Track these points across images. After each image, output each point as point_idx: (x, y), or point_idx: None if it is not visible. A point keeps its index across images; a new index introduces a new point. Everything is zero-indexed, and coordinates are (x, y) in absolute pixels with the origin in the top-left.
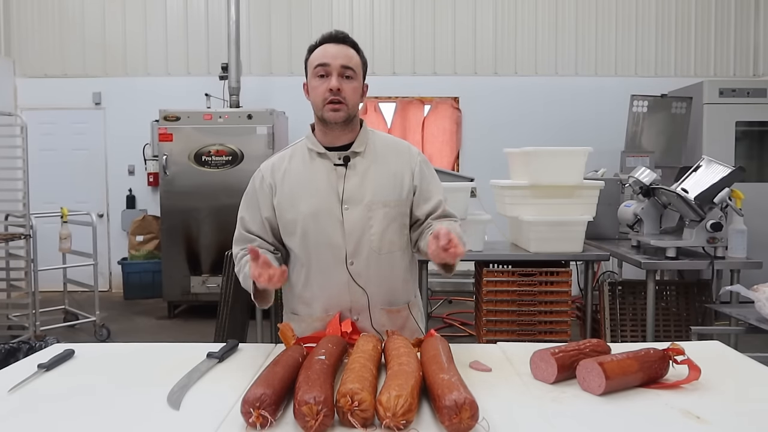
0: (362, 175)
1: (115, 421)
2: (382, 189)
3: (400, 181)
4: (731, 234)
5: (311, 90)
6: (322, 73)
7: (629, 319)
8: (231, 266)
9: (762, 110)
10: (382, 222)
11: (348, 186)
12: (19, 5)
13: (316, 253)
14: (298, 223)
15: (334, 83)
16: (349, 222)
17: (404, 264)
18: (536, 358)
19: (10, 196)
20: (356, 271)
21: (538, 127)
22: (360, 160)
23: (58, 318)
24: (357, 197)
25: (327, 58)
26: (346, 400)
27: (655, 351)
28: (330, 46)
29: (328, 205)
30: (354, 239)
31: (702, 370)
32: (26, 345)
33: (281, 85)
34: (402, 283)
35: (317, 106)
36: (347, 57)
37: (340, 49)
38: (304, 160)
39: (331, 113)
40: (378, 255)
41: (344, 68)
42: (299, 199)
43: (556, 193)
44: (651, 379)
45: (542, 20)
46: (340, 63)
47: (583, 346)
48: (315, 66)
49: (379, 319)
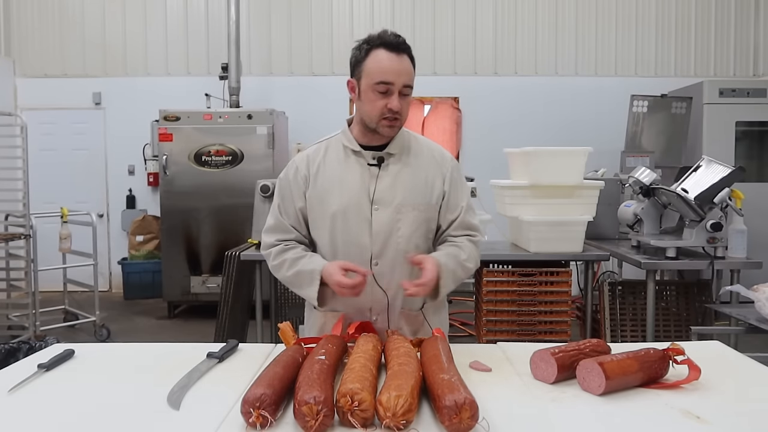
0: (394, 177)
1: (115, 421)
2: (413, 192)
3: (431, 185)
4: (731, 234)
5: (367, 102)
6: (383, 90)
7: (629, 319)
8: (231, 266)
9: (762, 110)
10: (411, 225)
11: (379, 186)
12: (19, 5)
13: (342, 251)
14: (326, 219)
15: (396, 105)
16: (378, 223)
17: None
18: (536, 358)
19: (10, 196)
20: (380, 272)
21: (538, 127)
22: (394, 162)
23: (58, 318)
24: (387, 198)
25: (391, 76)
26: (346, 400)
27: (655, 351)
28: (393, 59)
29: (358, 204)
30: (381, 240)
31: (702, 370)
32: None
33: (281, 85)
34: None
35: (371, 118)
36: (409, 74)
37: (403, 63)
38: (338, 156)
39: (387, 129)
40: (403, 258)
41: (405, 87)
42: (330, 195)
43: (556, 193)
44: (651, 379)
45: (542, 20)
46: (403, 82)
47: (583, 346)
48: (377, 81)
49: (398, 321)
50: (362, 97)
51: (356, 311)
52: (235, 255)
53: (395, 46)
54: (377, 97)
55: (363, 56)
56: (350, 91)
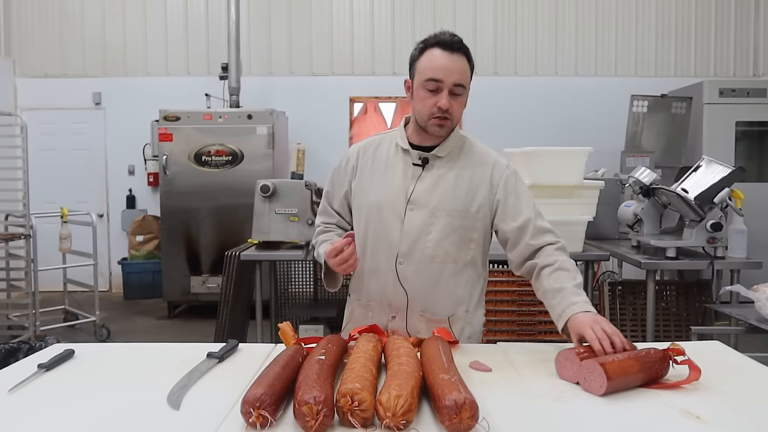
0: (435, 180)
1: (115, 421)
2: (450, 197)
3: (474, 193)
4: (731, 234)
5: (418, 100)
6: (433, 87)
7: (629, 319)
8: (231, 266)
9: (762, 110)
10: (442, 231)
11: (418, 187)
12: (19, 5)
13: (371, 244)
14: (364, 210)
15: (444, 102)
16: (409, 223)
17: (456, 277)
18: (562, 359)
19: (10, 196)
20: (403, 271)
21: (538, 127)
22: (439, 164)
23: (58, 318)
24: (423, 200)
25: (441, 74)
26: (346, 400)
27: (655, 351)
28: (445, 57)
29: (394, 201)
30: (409, 241)
31: (702, 370)
32: (26, 345)
33: (281, 85)
34: (448, 295)
35: (421, 116)
36: (461, 73)
37: (456, 62)
38: (389, 152)
39: (436, 128)
40: (430, 262)
41: (456, 86)
42: (372, 187)
43: (556, 193)
44: (652, 380)
45: (542, 20)
46: (453, 81)
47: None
48: (427, 78)
49: (416, 324)
50: (414, 95)
51: (377, 304)
52: (235, 255)
53: (449, 45)
54: (427, 95)
55: (417, 55)
56: (406, 91)
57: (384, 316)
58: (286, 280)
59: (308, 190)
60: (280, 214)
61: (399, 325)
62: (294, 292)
